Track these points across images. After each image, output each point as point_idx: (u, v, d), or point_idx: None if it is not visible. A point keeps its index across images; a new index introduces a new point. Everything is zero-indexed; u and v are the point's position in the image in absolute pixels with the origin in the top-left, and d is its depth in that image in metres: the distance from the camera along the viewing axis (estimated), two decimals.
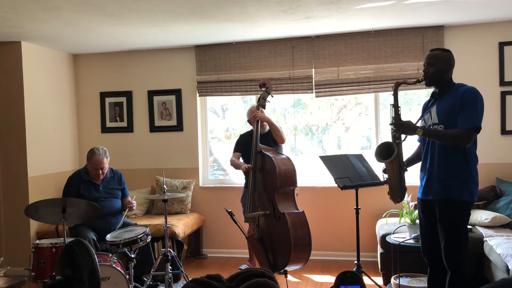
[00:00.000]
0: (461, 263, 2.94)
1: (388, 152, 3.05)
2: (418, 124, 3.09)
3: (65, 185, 4.21)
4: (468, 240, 3.01)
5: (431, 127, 3.01)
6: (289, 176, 4.10)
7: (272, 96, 4.44)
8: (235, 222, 4.00)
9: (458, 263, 2.94)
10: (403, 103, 5.19)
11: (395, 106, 3.08)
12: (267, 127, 4.48)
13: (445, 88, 3.02)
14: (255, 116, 4.30)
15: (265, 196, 4.10)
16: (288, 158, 4.22)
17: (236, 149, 4.66)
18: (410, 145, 3.31)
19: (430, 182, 3.02)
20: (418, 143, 3.26)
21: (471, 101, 2.89)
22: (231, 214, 3.96)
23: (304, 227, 3.96)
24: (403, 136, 3.09)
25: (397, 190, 3.11)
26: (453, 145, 2.91)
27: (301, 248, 3.88)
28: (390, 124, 3.08)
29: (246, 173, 4.30)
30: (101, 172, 4.15)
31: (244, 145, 4.57)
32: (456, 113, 2.90)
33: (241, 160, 4.59)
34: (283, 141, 4.47)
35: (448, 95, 2.99)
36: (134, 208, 4.29)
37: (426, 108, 3.16)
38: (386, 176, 3.15)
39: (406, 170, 3.16)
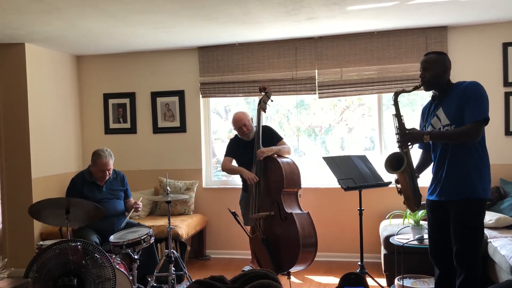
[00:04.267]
0: (475, 266, 2.89)
1: (397, 162, 2.98)
2: (429, 129, 3.04)
3: (68, 186, 4.21)
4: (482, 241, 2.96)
5: (443, 129, 2.94)
6: (294, 177, 4.14)
7: (272, 101, 4.42)
8: (238, 222, 4.01)
9: (473, 265, 2.88)
10: (406, 104, 5.18)
11: (398, 115, 3.03)
12: (253, 133, 4.36)
13: (445, 90, 2.99)
14: (260, 158, 4.17)
15: (269, 198, 4.10)
16: (292, 161, 4.25)
17: (229, 154, 4.54)
18: (416, 151, 3.23)
19: (442, 183, 2.96)
20: (421, 150, 3.21)
21: (474, 94, 2.85)
22: (234, 214, 3.96)
23: (311, 227, 4.01)
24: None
25: (412, 198, 3.03)
26: (463, 142, 2.86)
27: (309, 248, 3.91)
28: (396, 135, 3.02)
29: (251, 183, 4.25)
30: (107, 173, 4.16)
31: (238, 150, 4.49)
32: (464, 110, 2.85)
33: (234, 163, 4.54)
34: (289, 154, 4.41)
35: (451, 95, 2.95)
36: (140, 209, 4.28)
37: (428, 112, 3.10)
38: (399, 186, 3.08)
39: (419, 177, 3.10)
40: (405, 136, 2.97)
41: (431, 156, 3.10)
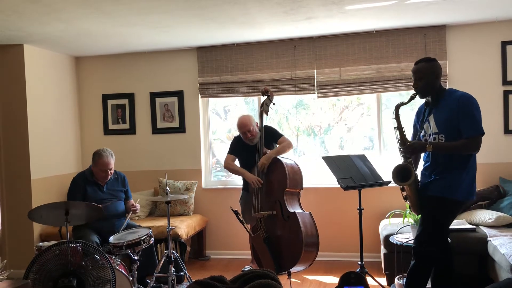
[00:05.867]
0: (430, 255, 3.07)
1: (404, 173, 3.08)
2: (421, 134, 3.19)
3: (70, 186, 4.20)
4: (443, 236, 3.14)
5: (432, 137, 3.09)
6: (297, 178, 4.15)
7: (274, 104, 4.41)
8: (240, 221, 4.01)
9: (427, 254, 3.07)
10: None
11: (399, 128, 3.14)
12: (258, 138, 4.34)
13: (438, 96, 3.10)
14: (262, 170, 4.17)
15: (272, 197, 4.10)
16: (295, 162, 4.27)
17: (232, 152, 4.53)
18: None
19: (427, 180, 3.14)
20: None
21: (469, 108, 2.98)
22: (236, 213, 3.97)
23: (313, 227, 4.02)
24: None
25: (418, 204, 3.18)
26: (462, 153, 3.01)
27: (311, 247, 3.92)
28: (399, 147, 3.15)
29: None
30: (109, 172, 4.16)
31: (241, 150, 4.49)
32: (455, 122, 2.99)
33: (236, 162, 4.53)
34: (291, 148, 4.40)
35: (443, 102, 3.08)
36: (138, 211, 4.29)
37: (422, 116, 3.22)
38: (404, 193, 3.21)
39: (419, 180, 3.23)
40: (408, 148, 3.09)
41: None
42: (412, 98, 3.13)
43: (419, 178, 3.23)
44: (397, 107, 3.17)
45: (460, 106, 2.98)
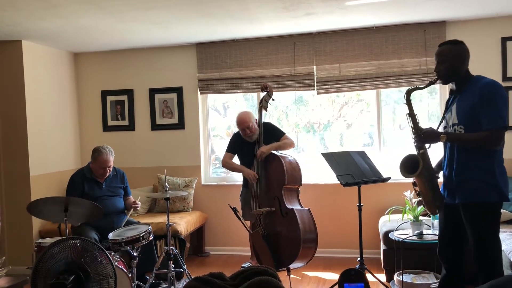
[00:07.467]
0: (493, 265, 2.75)
1: (413, 164, 2.82)
2: (442, 125, 2.89)
3: (68, 184, 4.19)
4: (500, 242, 2.80)
5: (452, 128, 2.81)
6: (295, 174, 4.14)
7: (274, 100, 4.39)
8: (238, 218, 4.01)
9: (490, 265, 2.75)
10: (403, 100, 5.16)
11: (411, 115, 2.87)
12: (257, 134, 4.32)
13: (464, 83, 2.79)
14: (260, 159, 4.16)
15: (270, 194, 4.10)
16: (293, 158, 4.26)
17: (230, 150, 4.53)
18: (438, 148, 3.02)
19: (451, 185, 2.82)
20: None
21: (490, 98, 2.64)
22: (235, 210, 3.96)
23: (312, 223, 4.02)
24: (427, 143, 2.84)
25: (432, 201, 2.85)
26: (481, 148, 2.68)
27: (309, 244, 3.91)
28: (413, 135, 2.86)
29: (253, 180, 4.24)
30: (108, 170, 4.15)
31: (240, 147, 4.49)
32: (476, 111, 2.66)
33: (235, 159, 4.53)
34: (293, 146, 4.41)
35: (467, 90, 2.75)
36: (138, 208, 4.28)
37: (447, 106, 2.95)
38: (417, 189, 2.92)
39: (439, 178, 2.94)
40: (421, 136, 2.81)
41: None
42: (431, 83, 2.80)
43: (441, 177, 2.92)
44: (408, 92, 2.88)
45: (483, 94, 2.64)
